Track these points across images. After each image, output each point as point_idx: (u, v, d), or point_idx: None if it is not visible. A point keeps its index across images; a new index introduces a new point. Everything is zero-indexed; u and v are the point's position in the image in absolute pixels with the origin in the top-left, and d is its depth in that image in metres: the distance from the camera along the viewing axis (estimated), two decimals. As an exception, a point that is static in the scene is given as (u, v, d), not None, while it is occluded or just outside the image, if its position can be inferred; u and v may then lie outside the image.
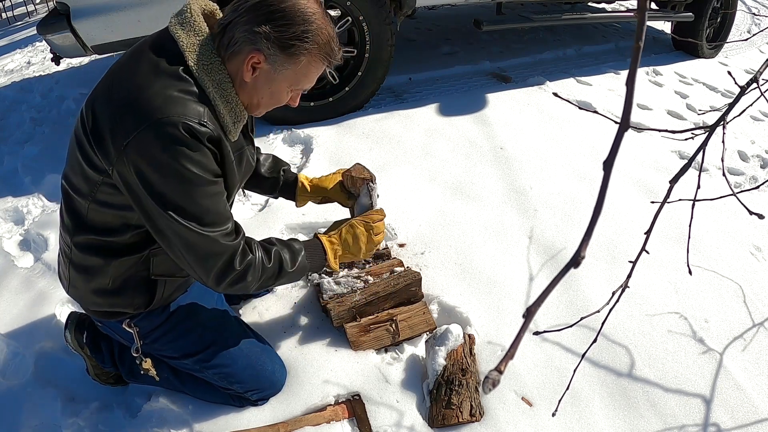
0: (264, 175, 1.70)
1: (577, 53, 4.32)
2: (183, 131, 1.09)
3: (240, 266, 1.24)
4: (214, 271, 1.22)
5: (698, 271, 2.10)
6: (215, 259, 1.21)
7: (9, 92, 3.85)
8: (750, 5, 6.32)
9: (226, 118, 1.20)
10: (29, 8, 6.73)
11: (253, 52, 1.17)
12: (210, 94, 1.16)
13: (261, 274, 1.30)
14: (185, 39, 1.16)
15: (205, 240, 1.18)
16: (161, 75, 1.13)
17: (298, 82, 1.26)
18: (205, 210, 1.17)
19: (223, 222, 1.22)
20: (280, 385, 1.59)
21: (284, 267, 1.35)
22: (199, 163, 1.13)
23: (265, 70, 1.20)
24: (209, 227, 1.18)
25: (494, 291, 1.95)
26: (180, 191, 1.14)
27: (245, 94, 1.25)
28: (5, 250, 2.20)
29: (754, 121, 3.54)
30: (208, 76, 1.16)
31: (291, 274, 1.37)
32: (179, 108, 1.10)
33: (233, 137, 1.24)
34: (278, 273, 1.34)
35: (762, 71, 1.22)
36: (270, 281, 1.34)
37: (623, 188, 2.59)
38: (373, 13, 2.83)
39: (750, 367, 1.76)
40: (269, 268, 1.31)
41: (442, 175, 2.57)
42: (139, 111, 1.10)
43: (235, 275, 1.24)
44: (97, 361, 1.59)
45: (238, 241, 1.25)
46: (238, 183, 1.37)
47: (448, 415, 1.51)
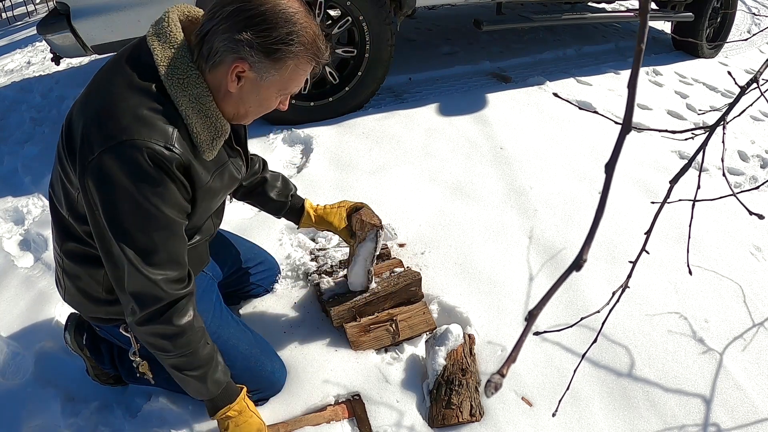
0: (272, 197, 1.68)
1: (577, 53, 4.32)
2: (148, 158, 1.05)
3: (176, 322, 1.18)
4: (147, 312, 1.15)
5: (698, 271, 2.10)
6: (153, 303, 1.15)
7: (9, 92, 3.85)
8: (750, 5, 6.32)
9: (202, 136, 1.14)
10: (29, 8, 6.73)
11: (237, 61, 1.10)
12: (183, 111, 1.11)
13: (188, 352, 1.22)
14: (160, 52, 1.10)
15: (146, 280, 1.12)
16: (134, 91, 1.09)
17: (286, 87, 1.20)
18: (155, 247, 1.12)
19: (171, 266, 1.16)
20: (279, 385, 1.59)
21: (208, 372, 1.28)
22: (161, 196, 1.09)
23: (250, 79, 1.14)
24: (155, 267, 1.13)
25: (494, 291, 1.95)
26: (134, 221, 1.10)
27: (231, 105, 1.19)
28: (5, 250, 2.20)
29: (754, 121, 3.54)
30: (183, 91, 1.11)
31: (205, 384, 1.29)
32: (146, 130, 1.06)
33: (209, 156, 1.18)
34: (200, 369, 1.26)
35: (762, 71, 1.22)
36: (185, 370, 1.25)
37: (623, 188, 2.59)
38: (373, 13, 2.82)
39: (750, 367, 1.76)
40: (199, 356, 1.25)
41: (442, 175, 2.57)
42: (106, 129, 1.06)
43: (165, 329, 1.18)
44: (96, 363, 1.59)
45: (184, 293, 1.19)
46: (218, 197, 1.33)
47: (448, 415, 1.51)
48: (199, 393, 1.32)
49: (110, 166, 1.06)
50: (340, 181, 2.46)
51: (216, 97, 1.17)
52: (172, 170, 1.09)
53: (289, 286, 1.94)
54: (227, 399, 1.35)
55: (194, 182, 1.17)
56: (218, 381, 1.32)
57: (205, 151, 1.17)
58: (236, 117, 1.24)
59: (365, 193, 2.38)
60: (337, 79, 2.97)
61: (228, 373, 1.36)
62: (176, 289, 1.17)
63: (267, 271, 1.89)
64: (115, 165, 1.05)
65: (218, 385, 1.32)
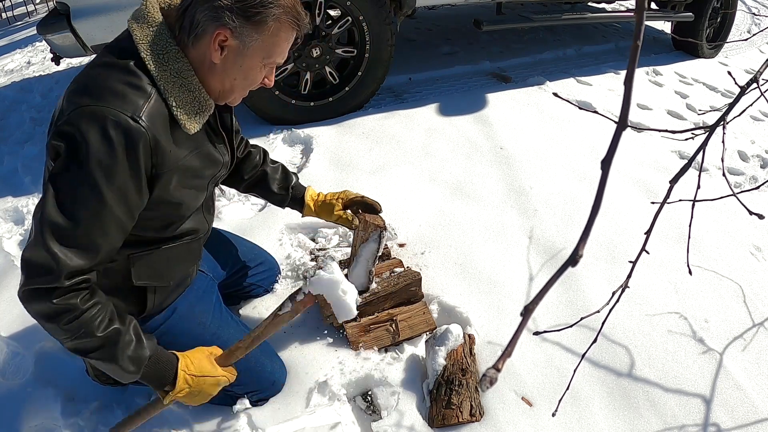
0: (273, 190, 1.70)
1: (577, 53, 4.32)
2: (109, 125, 1.03)
3: (56, 301, 1.05)
4: (29, 286, 1.06)
5: (698, 271, 2.10)
6: (38, 275, 1.05)
7: (9, 92, 3.85)
8: (750, 5, 6.32)
9: (183, 109, 1.13)
10: (29, 8, 6.73)
11: (219, 28, 1.11)
12: (163, 86, 1.10)
13: (81, 334, 1.09)
14: (139, 32, 1.11)
15: (42, 249, 1.04)
16: (112, 68, 1.10)
17: (270, 54, 1.19)
18: (75, 222, 1.05)
19: (81, 250, 1.07)
20: (279, 385, 1.59)
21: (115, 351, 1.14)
22: (108, 171, 1.04)
23: (233, 47, 1.14)
24: (61, 243, 1.04)
25: (494, 291, 1.95)
26: (69, 187, 1.05)
27: (216, 79, 1.19)
28: (5, 250, 2.20)
29: (754, 121, 3.54)
30: (163, 67, 1.10)
31: (117, 367, 1.16)
32: (116, 101, 1.05)
33: (190, 130, 1.16)
34: (105, 351, 1.13)
35: (762, 71, 1.22)
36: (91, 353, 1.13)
37: (623, 188, 2.59)
38: (373, 13, 2.83)
39: (750, 367, 1.76)
40: (96, 337, 1.11)
41: (442, 175, 2.57)
42: (81, 99, 1.06)
43: (46, 308, 1.06)
44: (96, 363, 1.59)
45: (77, 281, 1.08)
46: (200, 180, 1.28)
47: (448, 415, 1.51)
48: (121, 377, 1.20)
49: (69, 128, 1.05)
50: (340, 181, 2.46)
51: (200, 72, 1.17)
52: (133, 146, 1.05)
53: (289, 286, 1.94)
54: (165, 377, 1.24)
55: (160, 165, 1.13)
56: (138, 356, 1.18)
57: (185, 123, 1.14)
58: (222, 93, 1.22)
59: (365, 193, 2.37)
60: (337, 79, 2.97)
61: (151, 345, 1.22)
62: (71, 278, 1.06)
63: (267, 271, 1.89)
64: (75, 128, 1.04)
65: (139, 361, 1.18)
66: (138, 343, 1.19)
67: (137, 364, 1.19)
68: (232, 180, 1.67)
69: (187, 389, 1.26)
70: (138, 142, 1.06)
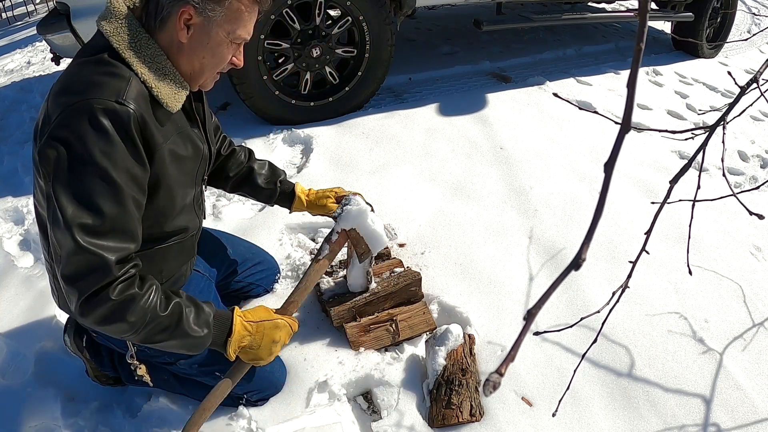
0: (260, 185, 1.69)
1: (577, 53, 4.32)
2: (98, 114, 1.05)
3: (117, 296, 1.06)
4: (86, 294, 1.05)
5: (698, 271, 2.10)
6: (89, 279, 1.04)
7: (9, 92, 3.85)
8: (750, 5, 6.32)
9: (161, 89, 1.15)
10: (29, 8, 6.73)
11: (183, 7, 1.14)
12: (137, 69, 1.12)
13: (149, 320, 1.11)
14: (108, 26, 1.14)
15: (84, 251, 1.04)
16: (87, 65, 1.12)
17: (234, 29, 1.21)
18: (100, 214, 1.06)
19: (117, 240, 1.08)
20: (280, 385, 1.59)
21: (183, 324, 1.17)
22: (110, 156, 1.06)
23: (198, 25, 1.17)
24: (96, 238, 1.05)
25: (494, 291, 1.95)
26: (79, 184, 1.05)
27: (185, 61, 1.21)
28: (5, 250, 2.20)
29: (754, 121, 3.54)
30: (136, 54, 1.13)
31: (190, 337, 1.19)
32: (96, 90, 1.06)
33: (173, 108, 1.18)
34: (175, 327, 1.16)
35: (762, 71, 1.22)
36: (162, 335, 1.15)
37: (623, 188, 2.59)
38: (373, 13, 2.82)
39: (750, 367, 1.76)
40: (163, 317, 1.13)
41: (442, 175, 2.57)
42: (63, 101, 1.07)
43: (110, 307, 1.06)
44: (97, 365, 1.59)
45: (127, 269, 1.09)
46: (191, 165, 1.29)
47: (448, 415, 1.51)
48: (196, 346, 1.22)
49: (61, 131, 1.06)
50: (340, 181, 2.46)
51: (170, 56, 1.19)
52: (125, 127, 1.07)
53: (289, 286, 1.94)
54: (224, 329, 1.27)
55: (152, 141, 1.14)
56: (204, 320, 1.22)
57: (167, 102, 1.16)
58: (193, 75, 1.24)
59: (365, 194, 2.37)
60: (337, 79, 2.97)
61: (210, 306, 1.26)
62: (119, 263, 1.07)
63: (266, 271, 1.89)
64: (66, 129, 1.06)
65: (206, 323, 1.22)
66: (197, 308, 1.23)
67: (206, 326, 1.23)
68: (218, 179, 1.66)
69: (248, 336, 1.30)
70: (128, 122, 1.08)
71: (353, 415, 1.58)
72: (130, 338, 1.16)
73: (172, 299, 1.18)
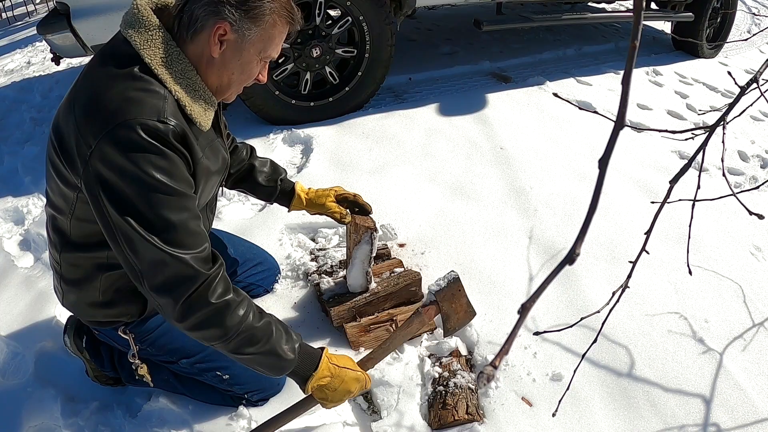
0: (261, 183, 1.67)
1: (577, 53, 4.32)
2: (143, 133, 1.05)
3: (216, 300, 1.11)
4: (183, 299, 1.08)
5: (698, 271, 2.10)
6: (185, 285, 1.08)
7: (9, 92, 3.85)
8: (750, 5, 6.32)
9: (194, 108, 1.16)
10: (29, 8, 6.73)
11: (219, 22, 1.13)
12: (171, 87, 1.12)
13: (243, 329, 1.15)
14: (137, 37, 1.12)
15: (171, 259, 1.07)
16: (117, 78, 1.10)
17: (266, 47, 1.21)
18: (172, 225, 1.08)
19: (194, 243, 1.11)
20: (280, 385, 1.59)
21: (273, 341, 1.20)
22: (164, 169, 1.07)
23: (232, 41, 1.16)
24: (176, 247, 1.08)
25: (494, 291, 1.95)
26: (143, 200, 1.07)
27: (214, 75, 1.21)
28: (5, 250, 2.20)
29: (754, 121, 3.54)
30: (168, 69, 1.12)
31: (278, 357, 1.22)
32: (136, 109, 1.06)
33: (205, 126, 1.19)
34: (266, 342, 1.19)
35: (762, 71, 1.22)
36: (252, 348, 1.18)
37: (623, 188, 2.59)
38: (373, 13, 2.83)
39: (750, 367, 1.76)
40: (256, 328, 1.17)
41: (442, 175, 2.57)
42: (98, 119, 1.07)
43: (209, 311, 1.10)
44: (96, 365, 1.59)
45: (216, 270, 1.13)
46: (213, 180, 1.30)
47: (444, 415, 1.52)
48: (279, 368, 1.24)
49: (109, 152, 1.05)
50: (340, 181, 2.46)
51: (199, 69, 1.19)
52: (170, 142, 1.08)
53: (289, 286, 1.94)
54: (310, 364, 1.29)
55: (193, 154, 1.16)
56: (291, 346, 1.25)
57: (200, 121, 1.17)
58: (220, 89, 1.24)
59: (365, 193, 2.36)
60: (337, 79, 2.97)
61: (297, 335, 1.29)
62: (206, 269, 1.11)
63: (267, 271, 1.89)
64: (114, 150, 1.05)
65: (293, 349, 1.25)
66: (287, 332, 1.26)
67: (293, 351, 1.25)
68: None
69: (329, 378, 1.31)
70: (170, 137, 1.09)
71: (353, 415, 1.58)
72: (219, 346, 1.17)
73: (265, 315, 1.22)
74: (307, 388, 1.31)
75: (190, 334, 1.14)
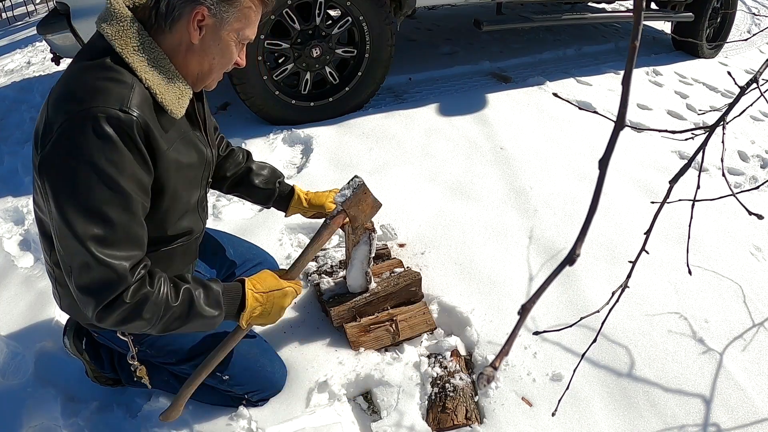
0: (259, 185, 1.66)
1: (577, 53, 4.32)
2: (103, 125, 1.04)
3: (131, 299, 1.09)
4: (103, 304, 1.08)
5: (698, 271, 2.10)
6: (108, 291, 1.07)
7: (9, 92, 3.86)
8: (750, 5, 6.32)
9: (166, 95, 1.15)
10: (29, 8, 6.73)
11: (196, 8, 1.14)
12: (142, 75, 1.12)
13: (163, 313, 1.15)
14: (109, 29, 1.12)
15: (98, 265, 1.06)
16: (88, 70, 1.11)
17: (243, 29, 1.22)
18: (110, 223, 1.07)
19: (128, 245, 1.10)
20: (280, 385, 1.59)
21: (195, 308, 1.20)
22: (116, 165, 1.06)
23: (210, 25, 1.17)
24: (109, 249, 1.07)
25: (494, 291, 1.95)
26: (86, 191, 1.05)
27: (195, 61, 1.21)
28: (5, 250, 2.20)
29: (754, 121, 3.54)
30: (140, 57, 1.12)
31: (205, 318, 1.22)
32: (101, 98, 1.06)
33: (176, 114, 1.18)
34: (188, 313, 1.19)
35: (762, 71, 1.22)
36: (177, 323, 1.19)
37: (623, 188, 2.59)
38: (373, 13, 2.83)
39: (750, 367, 1.76)
40: (175, 307, 1.17)
41: (442, 175, 2.57)
42: (64, 108, 1.07)
43: (126, 309, 1.10)
44: (96, 367, 1.59)
45: (138, 271, 1.12)
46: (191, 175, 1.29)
47: (443, 419, 1.53)
48: (210, 325, 1.26)
49: (64, 140, 1.05)
50: (340, 181, 2.44)
51: (178, 57, 1.19)
52: (129, 135, 1.07)
53: (288, 286, 1.94)
54: (237, 304, 1.30)
55: (156, 148, 1.14)
56: (213, 300, 1.24)
57: (171, 108, 1.17)
58: (201, 76, 1.24)
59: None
60: (337, 79, 2.97)
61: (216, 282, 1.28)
62: (132, 275, 1.10)
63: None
64: (70, 138, 1.05)
65: (217, 303, 1.25)
66: (206, 289, 1.24)
67: (217, 306, 1.25)
68: (215, 179, 1.63)
69: (259, 307, 1.33)
70: (132, 130, 1.08)
71: (353, 415, 1.58)
72: (147, 331, 1.18)
73: (180, 287, 1.20)
74: (242, 325, 1.33)
75: (113, 329, 1.16)
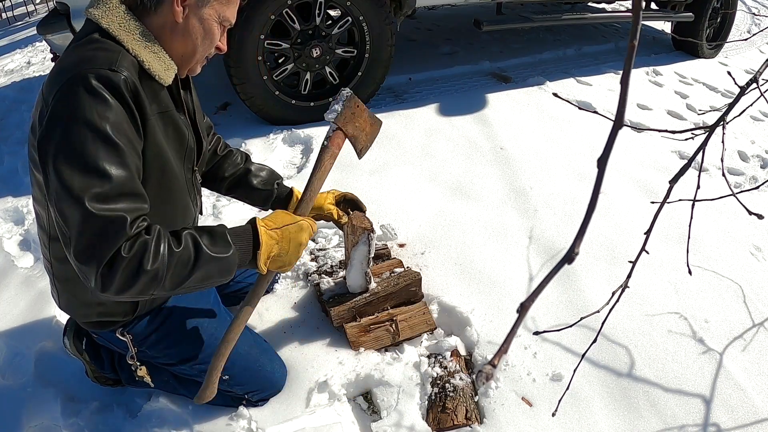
0: (257, 186, 1.64)
1: (577, 53, 4.32)
2: (93, 81, 1.05)
3: (128, 252, 1.01)
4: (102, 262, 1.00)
5: (698, 271, 2.10)
6: (107, 243, 1.00)
7: (9, 92, 3.86)
8: (750, 5, 6.32)
9: (153, 63, 1.16)
10: (29, 8, 6.73)
11: None
12: (129, 45, 1.14)
13: (168, 261, 1.06)
14: (96, 11, 1.15)
15: (95, 218, 1.00)
16: (76, 48, 1.13)
17: (223, 11, 1.24)
18: (107, 177, 1.03)
19: (128, 198, 1.05)
20: (280, 385, 1.59)
21: (203, 250, 1.11)
22: (109, 120, 1.05)
23: (193, 6, 1.19)
24: (108, 202, 1.02)
25: (494, 291, 1.95)
26: (83, 147, 1.03)
27: (179, 42, 1.22)
28: (5, 250, 2.20)
29: (754, 121, 3.54)
30: (126, 33, 1.14)
31: (216, 259, 1.13)
32: (88, 63, 1.07)
33: (165, 80, 1.19)
34: (195, 256, 1.10)
35: (762, 71, 1.22)
36: (187, 271, 1.09)
37: (623, 188, 2.59)
38: (373, 13, 2.83)
39: (750, 367, 1.76)
40: (180, 251, 1.08)
41: (442, 175, 2.57)
42: (56, 82, 1.08)
43: (126, 266, 1.01)
44: (96, 367, 1.59)
45: (138, 224, 1.06)
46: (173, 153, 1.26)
47: (443, 419, 1.53)
48: (226, 270, 1.17)
49: (59, 107, 1.06)
50: (340, 181, 2.46)
51: (163, 38, 1.20)
52: (119, 91, 1.07)
53: (289, 286, 1.94)
54: (250, 242, 1.21)
55: (143, 110, 1.14)
56: (220, 242, 1.15)
57: (158, 74, 1.18)
58: (185, 58, 1.25)
59: (365, 193, 2.38)
60: (337, 79, 2.97)
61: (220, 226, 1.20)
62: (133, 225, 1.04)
63: (266, 271, 1.88)
64: (63, 102, 1.06)
65: (225, 243, 1.16)
66: (208, 231, 1.17)
67: (226, 243, 1.16)
68: (213, 180, 1.63)
69: (276, 245, 1.24)
70: (121, 86, 1.08)
71: (353, 415, 1.58)
72: (161, 291, 1.08)
73: (181, 233, 1.12)
74: (261, 268, 1.24)
75: (122, 298, 1.06)
